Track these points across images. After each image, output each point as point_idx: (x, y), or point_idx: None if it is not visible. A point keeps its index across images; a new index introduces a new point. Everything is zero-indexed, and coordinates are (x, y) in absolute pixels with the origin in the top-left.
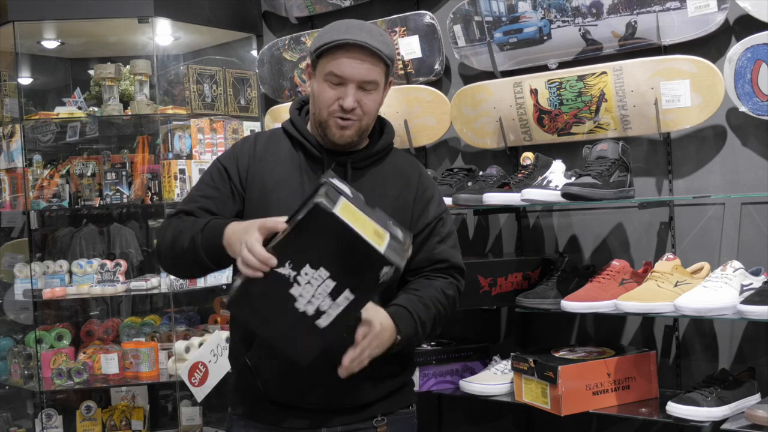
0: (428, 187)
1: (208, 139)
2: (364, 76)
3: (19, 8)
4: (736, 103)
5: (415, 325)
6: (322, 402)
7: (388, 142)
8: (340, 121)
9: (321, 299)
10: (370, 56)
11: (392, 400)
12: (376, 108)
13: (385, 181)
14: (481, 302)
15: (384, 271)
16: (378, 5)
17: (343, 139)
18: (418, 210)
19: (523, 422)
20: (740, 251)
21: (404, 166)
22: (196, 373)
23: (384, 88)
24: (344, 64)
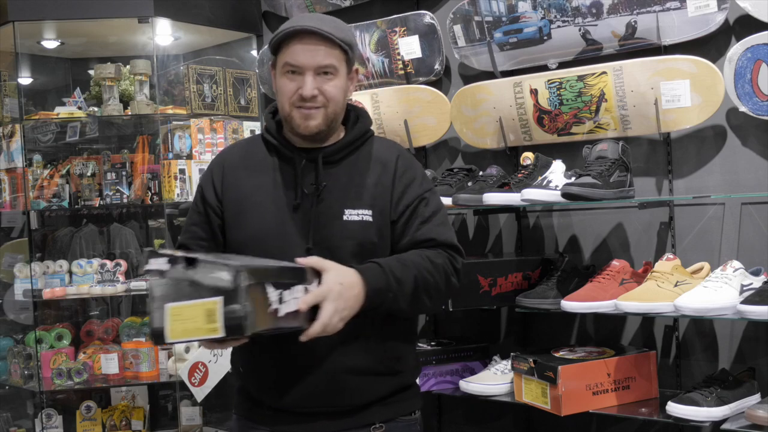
0: (408, 168)
1: (208, 139)
2: (319, 62)
3: (19, 8)
4: (736, 103)
5: (386, 279)
6: (315, 405)
7: (362, 131)
8: (303, 111)
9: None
10: (323, 42)
11: (392, 405)
12: (339, 95)
13: (362, 170)
14: (481, 302)
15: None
16: (378, 5)
17: (309, 129)
18: (398, 192)
19: (523, 422)
20: (740, 251)
21: (381, 151)
22: (196, 373)
23: (348, 75)
24: (298, 52)
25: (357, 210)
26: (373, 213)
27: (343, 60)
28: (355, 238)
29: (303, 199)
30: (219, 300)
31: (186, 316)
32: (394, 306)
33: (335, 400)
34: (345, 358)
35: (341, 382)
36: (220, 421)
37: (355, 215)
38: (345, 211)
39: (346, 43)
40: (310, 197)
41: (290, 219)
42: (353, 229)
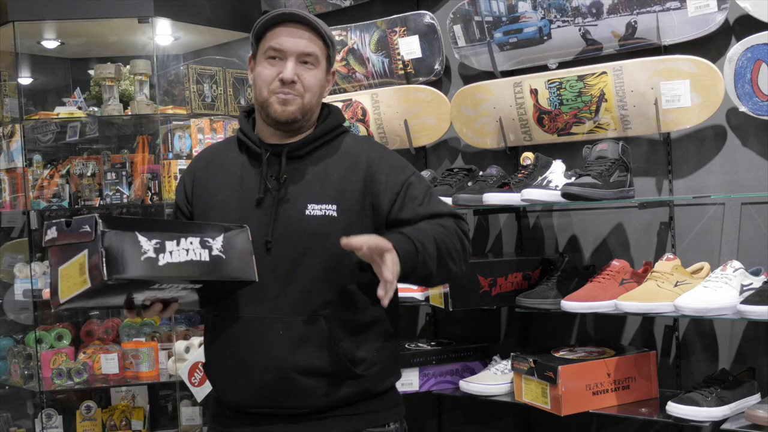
0: (382, 159)
1: (208, 139)
2: (303, 48)
3: (19, 8)
4: (736, 103)
5: (411, 243)
6: (269, 406)
7: (330, 127)
8: (281, 96)
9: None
10: (308, 30)
11: (359, 415)
12: (317, 87)
13: (328, 165)
14: (481, 302)
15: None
16: (378, 5)
17: (285, 114)
18: (381, 186)
19: (523, 422)
20: (740, 251)
21: (352, 147)
22: (196, 373)
23: (327, 70)
24: (283, 37)
25: (320, 205)
26: (338, 209)
27: (324, 55)
28: (317, 233)
29: (266, 193)
30: (84, 252)
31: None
32: (424, 270)
33: (287, 401)
34: (296, 357)
35: (292, 382)
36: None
37: (318, 210)
38: (308, 205)
39: (329, 38)
40: (273, 192)
41: (253, 214)
42: (315, 224)
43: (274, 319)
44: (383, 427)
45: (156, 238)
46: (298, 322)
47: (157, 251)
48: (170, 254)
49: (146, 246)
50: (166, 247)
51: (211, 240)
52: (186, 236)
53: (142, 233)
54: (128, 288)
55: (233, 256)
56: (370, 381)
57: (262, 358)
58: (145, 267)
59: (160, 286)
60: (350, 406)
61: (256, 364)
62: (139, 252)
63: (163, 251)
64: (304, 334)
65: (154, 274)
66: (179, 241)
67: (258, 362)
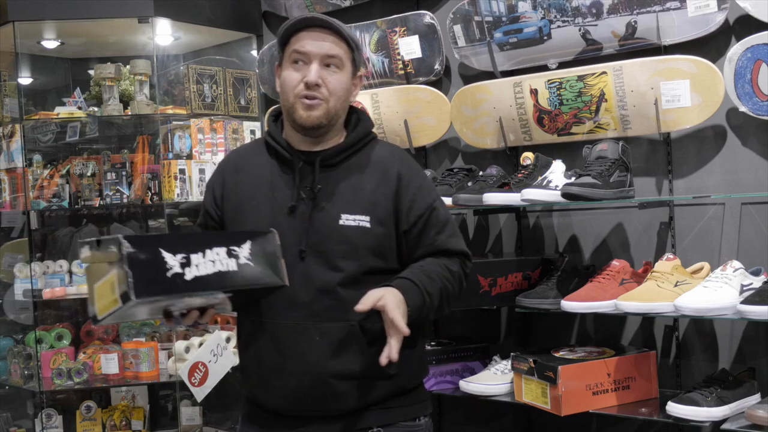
0: (413, 177)
1: (208, 139)
2: (326, 51)
3: (19, 8)
4: (736, 103)
5: (422, 297)
6: (304, 409)
7: (361, 135)
8: (306, 101)
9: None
10: (331, 34)
11: (392, 410)
12: (342, 90)
13: (360, 175)
14: (481, 302)
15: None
16: (378, 5)
17: (310, 119)
18: (407, 202)
19: (523, 422)
20: (740, 251)
21: (383, 158)
22: (196, 373)
23: (352, 74)
24: (306, 40)
25: (354, 215)
26: (371, 220)
27: (349, 58)
28: (350, 243)
29: (299, 201)
30: (114, 272)
31: (103, 293)
32: (424, 319)
33: (324, 404)
34: (333, 362)
35: (329, 386)
36: (220, 421)
37: (352, 221)
38: (341, 215)
39: (353, 41)
40: (306, 200)
41: (286, 222)
42: (349, 234)
43: (310, 326)
44: (414, 421)
45: (181, 253)
46: (334, 328)
47: (183, 266)
48: (197, 267)
49: (171, 262)
50: (192, 261)
51: (237, 248)
52: (211, 247)
53: (166, 249)
54: (161, 303)
55: (262, 262)
56: (402, 380)
57: (299, 364)
58: (173, 283)
59: (192, 296)
60: (384, 401)
61: (293, 370)
62: (165, 269)
63: (189, 265)
64: (339, 340)
65: (181, 291)
66: (205, 253)
67: (295, 367)
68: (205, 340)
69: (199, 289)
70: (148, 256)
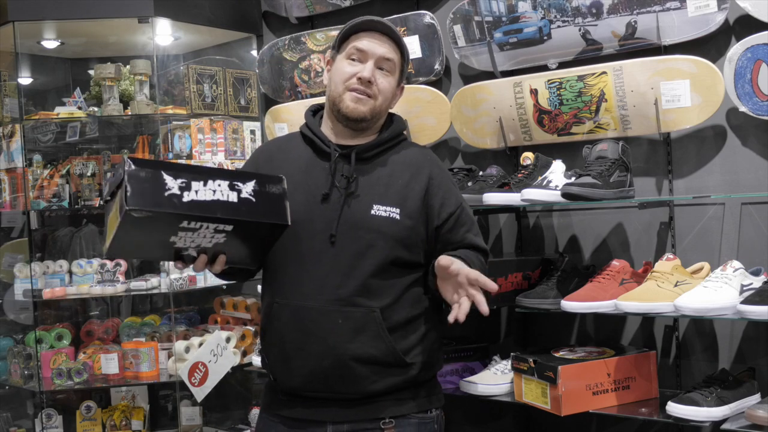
0: (443, 177)
1: (208, 139)
2: (383, 53)
3: (19, 8)
4: (736, 103)
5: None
6: (323, 390)
7: (396, 132)
8: (355, 94)
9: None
10: (389, 41)
11: (405, 401)
12: (389, 93)
13: (393, 170)
14: None
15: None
16: (378, 5)
17: (357, 112)
18: (438, 201)
19: (523, 422)
20: (740, 251)
21: (415, 156)
22: (196, 373)
23: (398, 80)
24: (366, 40)
25: (385, 206)
26: (401, 212)
27: (399, 66)
28: (380, 232)
29: (333, 190)
30: (119, 194)
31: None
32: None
33: (340, 386)
34: (353, 345)
35: (347, 368)
36: (220, 421)
37: (383, 211)
38: (373, 205)
39: (407, 53)
40: (340, 189)
41: (318, 208)
42: (380, 223)
43: (335, 309)
44: (426, 413)
45: (182, 178)
46: (357, 313)
47: (182, 189)
48: (195, 193)
49: (171, 183)
50: (192, 186)
51: (240, 184)
52: (215, 179)
53: (168, 173)
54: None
55: (264, 200)
56: (417, 369)
57: (320, 345)
58: (168, 202)
59: (189, 224)
60: (398, 392)
61: (314, 350)
62: (163, 188)
63: (188, 189)
64: (361, 324)
65: (176, 210)
66: (207, 182)
67: (316, 348)
68: (205, 340)
69: (195, 211)
70: (148, 174)
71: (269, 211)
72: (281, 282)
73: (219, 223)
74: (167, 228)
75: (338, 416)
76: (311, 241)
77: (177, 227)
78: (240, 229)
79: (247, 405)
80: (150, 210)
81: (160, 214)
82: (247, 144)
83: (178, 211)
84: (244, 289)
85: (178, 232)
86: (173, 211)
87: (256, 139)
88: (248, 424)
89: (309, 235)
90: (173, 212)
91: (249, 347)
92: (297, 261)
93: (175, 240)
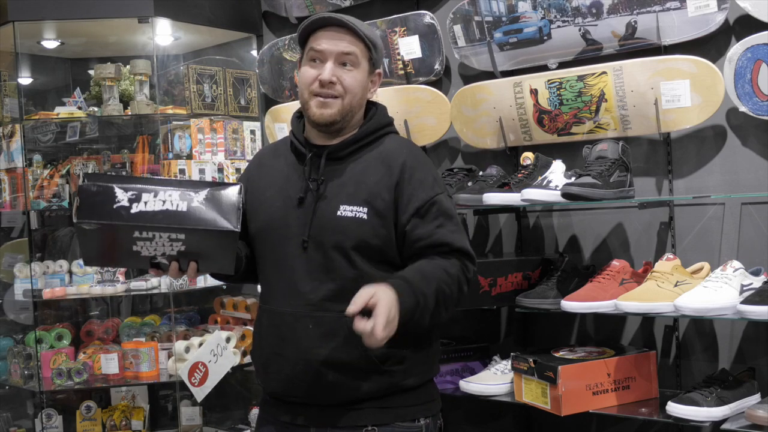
0: (417, 169)
1: (208, 139)
2: (342, 49)
3: (19, 8)
4: (736, 103)
5: (416, 298)
6: (302, 396)
7: (371, 129)
8: (320, 99)
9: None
10: (348, 34)
11: (389, 409)
12: (357, 87)
13: (365, 168)
14: (481, 302)
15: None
16: (378, 5)
17: (323, 117)
18: (407, 195)
19: (523, 422)
20: (740, 251)
21: (391, 150)
22: (196, 373)
23: (369, 72)
24: (322, 39)
25: (351, 206)
26: (368, 211)
27: (365, 56)
28: (346, 234)
29: (307, 193)
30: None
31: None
32: (416, 324)
33: (317, 392)
34: (323, 350)
35: (318, 374)
36: (220, 421)
37: (349, 211)
38: (340, 206)
39: (370, 40)
40: (312, 192)
41: (293, 212)
42: (345, 225)
43: (305, 314)
44: (413, 422)
45: (133, 191)
46: (327, 318)
47: (132, 201)
48: (144, 204)
49: (121, 196)
50: (141, 198)
51: (192, 193)
52: (166, 189)
53: (119, 186)
54: (117, 237)
55: (214, 208)
56: (398, 376)
57: (294, 350)
58: (116, 214)
59: (142, 234)
60: (380, 399)
61: (288, 355)
62: (113, 201)
63: (137, 201)
64: (331, 330)
65: (122, 221)
66: (157, 193)
67: (290, 353)
68: (205, 340)
69: (143, 221)
70: (99, 188)
71: (217, 218)
72: (264, 287)
73: (169, 232)
74: (124, 238)
75: (320, 421)
76: (287, 247)
77: (132, 237)
78: (191, 237)
79: (247, 405)
80: (97, 222)
81: (107, 225)
82: (247, 144)
83: (124, 222)
84: (244, 289)
85: (136, 242)
86: (119, 223)
87: (256, 139)
88: (248, 424)
89: (285, 240)
90: (119, 223)
91: (249, 347)
92: (275, 266)
93: (138, 249)
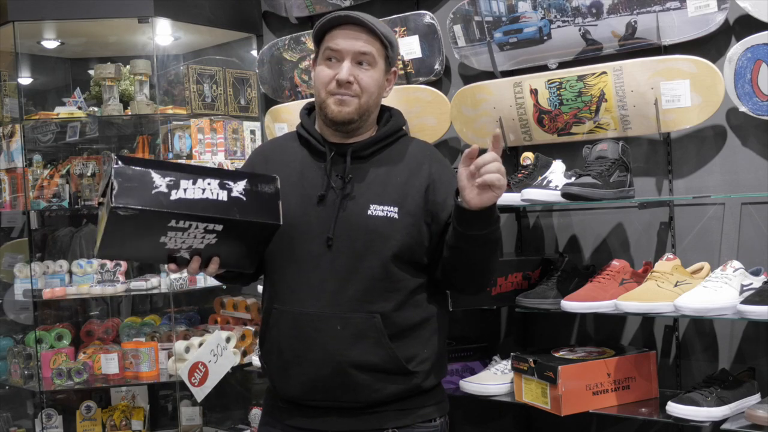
0: (444, 172)
1: (208, 139)
2: (358, 48)
3: (19, 8)
4: (736, 103)
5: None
6: (323, 399)
7: (393, 129)
8: (338, 97)
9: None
10: (365, 33)
11: (409, 411)
12: (374, 86)
13: (391, 167)
14: (481, 302)
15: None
16: (378, 5)
17: (341, 115)
18: (442, 195)
19: (523, 422)
20: (740, 251)
21: (415, 153)
22: (196, 373)
23: (385, 70)
24: (339, 38)
25: (382, 206)
26: (399, 211)
27: (382, 55)
28: (378, 233)
29: (329, 191)
30: (107, 192)
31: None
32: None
33: (341, 395)
34: (352, 352)
35: (347, 376)
36: (220, 421)
37: (380, 211)
38: (370, 205)
39: (387, 39)
40: (336, 190)
41: (314, 210)
42: (377, 223)
43: (333, 315)
44: (430, 422)
45: (171, 176)
46: (356, 319)
47: (170, 187)
48: (184, 191)
49: (159, 182)
50: (180, 185)
51: (231, 183)
52: (204, 177)
53: (157, 171)
54: (148, 226)
55: (256, 199)
56: (420, 377)
57: (319, 352)
58: (155, 200)
59: (178, 224)
60: (401, 401)
61: (313, 358)
62: (151, 186)
63: (176, 188)
64: (361, 331)
65: (162, 208)
66: (196, 180)
67: (315, 356)
68: (205, 340)
69: (182, 209)
70: (136, 172)
71: (260, 210)
72: (279, 287)
73: (208, 222)
74: (156, 228)
75: (339, 425)
76: (308, 245)
77: (165, 227)
78: (230, 229)
79: (247, 405)
80: (135, 208)
81: (146, 212)
82: (247, 144)
83: (165, 210)
84: (244, 289)
85: (167, 232)
86: (159, 209)
87: (256, 139)
88: (248, 424)
89: (306, 238)
90: (160, 210)
91: (249, 347)
92: (294, 265)
93: (165, 241)
